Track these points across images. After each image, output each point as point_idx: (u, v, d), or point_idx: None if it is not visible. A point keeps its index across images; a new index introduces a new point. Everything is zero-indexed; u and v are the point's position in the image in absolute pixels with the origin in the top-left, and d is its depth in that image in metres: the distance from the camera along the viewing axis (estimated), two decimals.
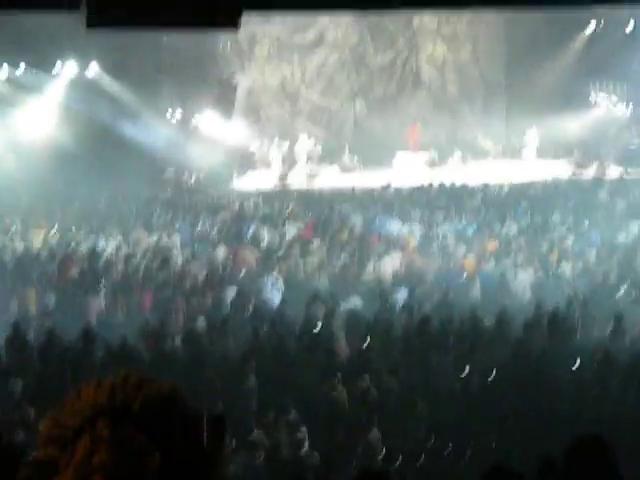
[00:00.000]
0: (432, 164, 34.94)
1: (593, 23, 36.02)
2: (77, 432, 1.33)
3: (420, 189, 29.55)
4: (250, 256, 21.21)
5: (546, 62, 35.42)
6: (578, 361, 12.74)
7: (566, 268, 19.56)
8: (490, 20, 38.67)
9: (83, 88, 30.18)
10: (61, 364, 12.34)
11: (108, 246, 22.29)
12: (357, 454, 9.20)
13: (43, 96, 29.98)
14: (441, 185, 29.77)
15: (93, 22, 3.91)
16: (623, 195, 27.17)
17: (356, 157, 34.80)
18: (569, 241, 21.99)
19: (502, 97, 38.93)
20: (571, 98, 35.82)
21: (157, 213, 27.07)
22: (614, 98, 36.19)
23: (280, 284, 18.55)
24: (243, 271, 20.19)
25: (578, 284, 18.46)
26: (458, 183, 29.84)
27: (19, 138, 29.55)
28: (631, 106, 35.77)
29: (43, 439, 1.37)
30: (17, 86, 29.40)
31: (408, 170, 33.68)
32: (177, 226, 24.88)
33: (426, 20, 38.29)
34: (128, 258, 20.81)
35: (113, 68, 31.09)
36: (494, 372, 12.42)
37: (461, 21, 38.60)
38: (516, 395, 11.26)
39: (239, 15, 4.36)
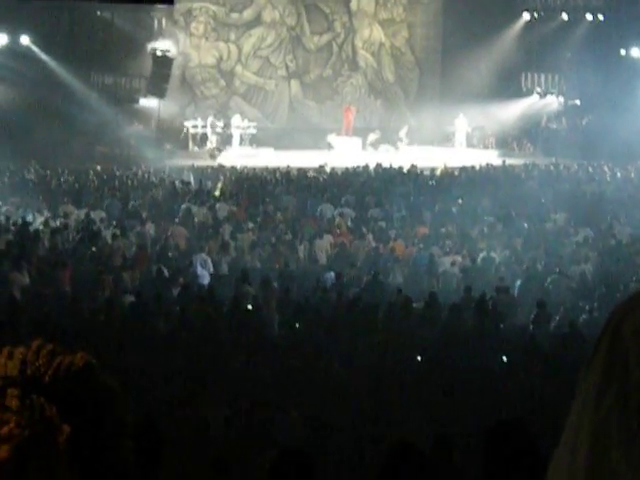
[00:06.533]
0: (365, 148, 35.10)
1: (527, 13, 36.51)
2: None
3: (353, 173, 29.60)
4: (180, 234, 21.03)
5: (480, 50, 35.75)
6: (504, 346, 12.93)
7: (494, 255, 19.76)
8: (427, 6, 38.89)
9: (13, 60, 29.59)
10: None
11: (36, 220, 21.95)
12: (279, 433, 9.21)
13: None
14: (373, 169, 29.87)
15: None
16: (551, 184, 27.55)
17: (290, 138, 34.79)
18: (497, 229, 22.24)
19: (436, 84, 39.23)
20: (504, 86, 36.26)
21: (87, 188, 26.68)
22: (546, 88, 36.73)
23: (209, 264, 18.44)
24: (172, 249, 20.04)
25: (505, 271, 18.65)
26: (390, 168, 29.97)
27: None
28: (562, 97, 36.33)
29: None
30: None
31: (341, 153, 33.77)
32: (107, 202, 24.55)
33: (364, 3, 38.35)
34: (56, 232, 20.51)
35: (45, 41, 30.54)
36: (421, 354, 12.53)
37: (398, 6, 38.72)
38: (442, 378, 11.37)
39: None
